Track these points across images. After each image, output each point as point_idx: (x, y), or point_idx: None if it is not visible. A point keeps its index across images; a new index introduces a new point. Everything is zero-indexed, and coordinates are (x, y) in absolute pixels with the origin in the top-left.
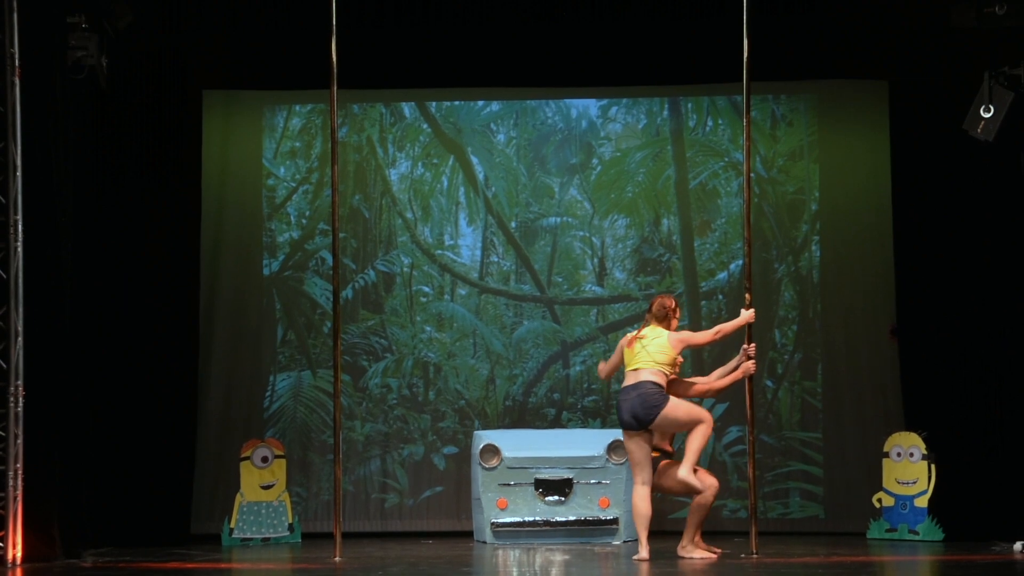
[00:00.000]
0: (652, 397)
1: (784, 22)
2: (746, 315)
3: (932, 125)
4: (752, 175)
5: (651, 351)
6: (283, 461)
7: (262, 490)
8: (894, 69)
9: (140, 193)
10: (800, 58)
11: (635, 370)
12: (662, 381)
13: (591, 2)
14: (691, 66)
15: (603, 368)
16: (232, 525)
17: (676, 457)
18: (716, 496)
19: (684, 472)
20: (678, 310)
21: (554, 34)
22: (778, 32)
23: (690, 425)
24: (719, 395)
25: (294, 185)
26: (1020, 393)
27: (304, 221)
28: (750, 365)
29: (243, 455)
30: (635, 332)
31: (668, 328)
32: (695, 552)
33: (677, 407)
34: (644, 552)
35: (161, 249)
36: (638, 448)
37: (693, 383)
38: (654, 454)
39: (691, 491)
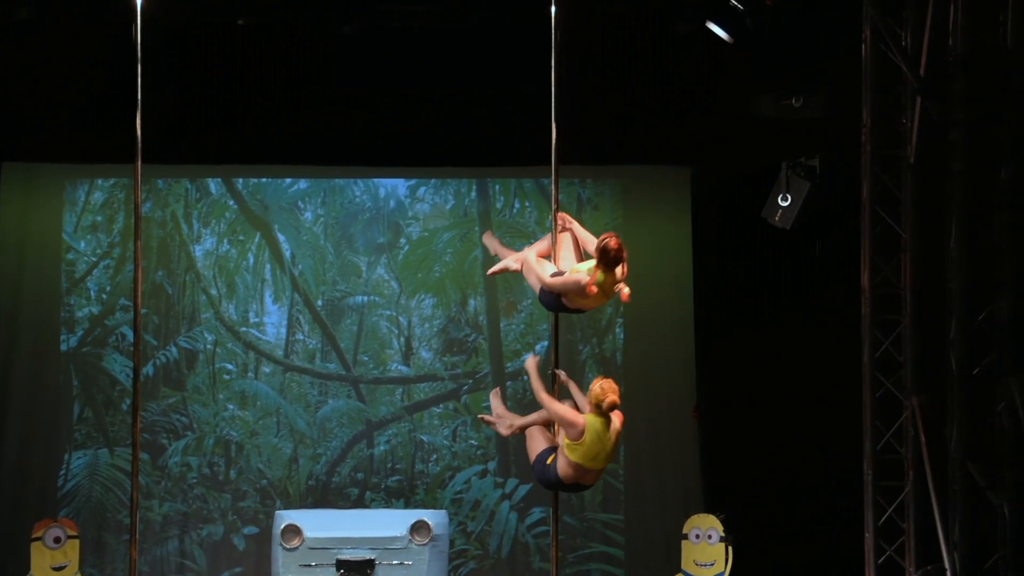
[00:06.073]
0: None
1: (590, 108)
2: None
3: (732, 211)
4: None
5: None
6: (76, 542)
7: (54, 572)
8: (697, 156)
9: None
10: (606, 143)
11: None
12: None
13: (399, 82)
14: (499, 149)
15: None
16: None
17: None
18: None
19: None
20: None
21: (363, 113)
22: (584, 117)
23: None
24: None
25: (95, 260)
26: (814, 477)
27: (104, 296)
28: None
29: (34, 535)
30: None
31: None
32: None
33: (528, 272)
34: None
35: None
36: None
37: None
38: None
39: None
